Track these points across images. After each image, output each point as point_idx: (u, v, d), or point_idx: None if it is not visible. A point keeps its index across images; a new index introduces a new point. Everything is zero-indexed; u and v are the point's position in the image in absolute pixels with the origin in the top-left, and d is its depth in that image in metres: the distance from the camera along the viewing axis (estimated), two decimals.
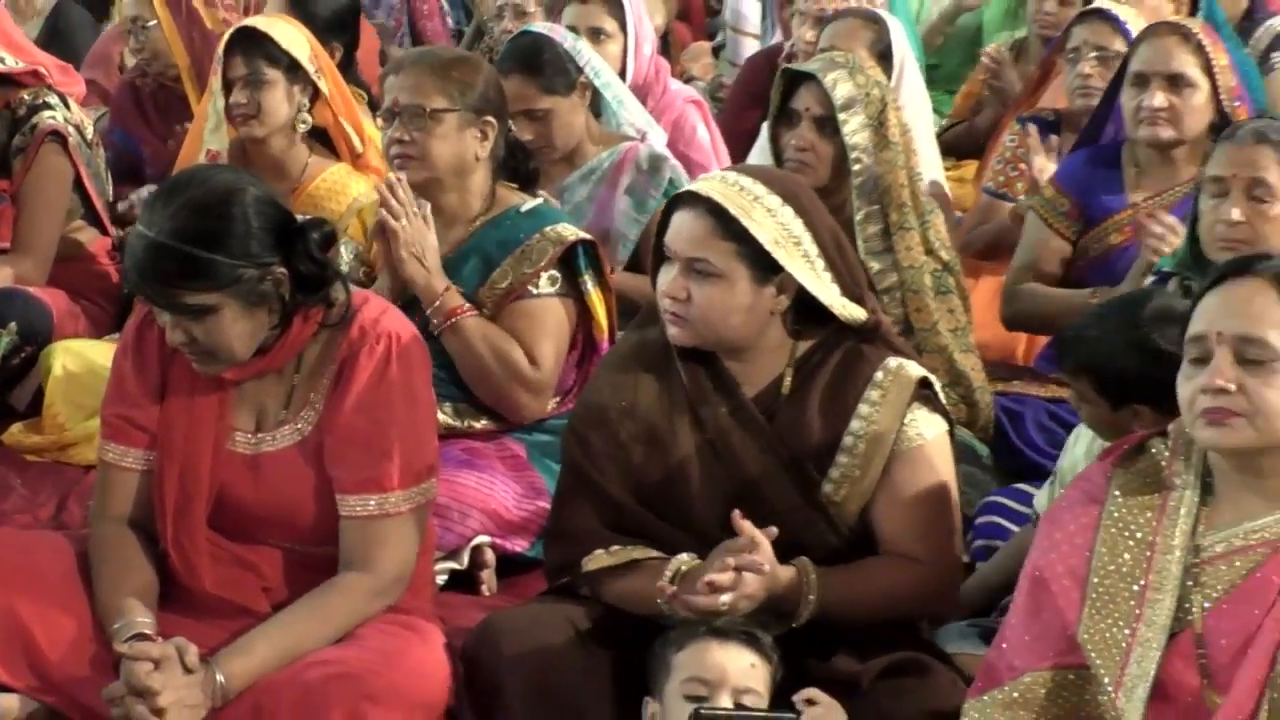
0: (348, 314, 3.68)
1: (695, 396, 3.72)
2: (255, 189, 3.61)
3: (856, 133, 4.83)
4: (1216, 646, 3.07)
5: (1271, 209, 4.42)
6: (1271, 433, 3.05)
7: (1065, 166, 5.54)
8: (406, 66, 4.80)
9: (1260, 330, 3.05)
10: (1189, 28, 5.35)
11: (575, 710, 3.55)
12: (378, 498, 3.64)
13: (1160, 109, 5.16)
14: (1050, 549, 3.22)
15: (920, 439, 3.69)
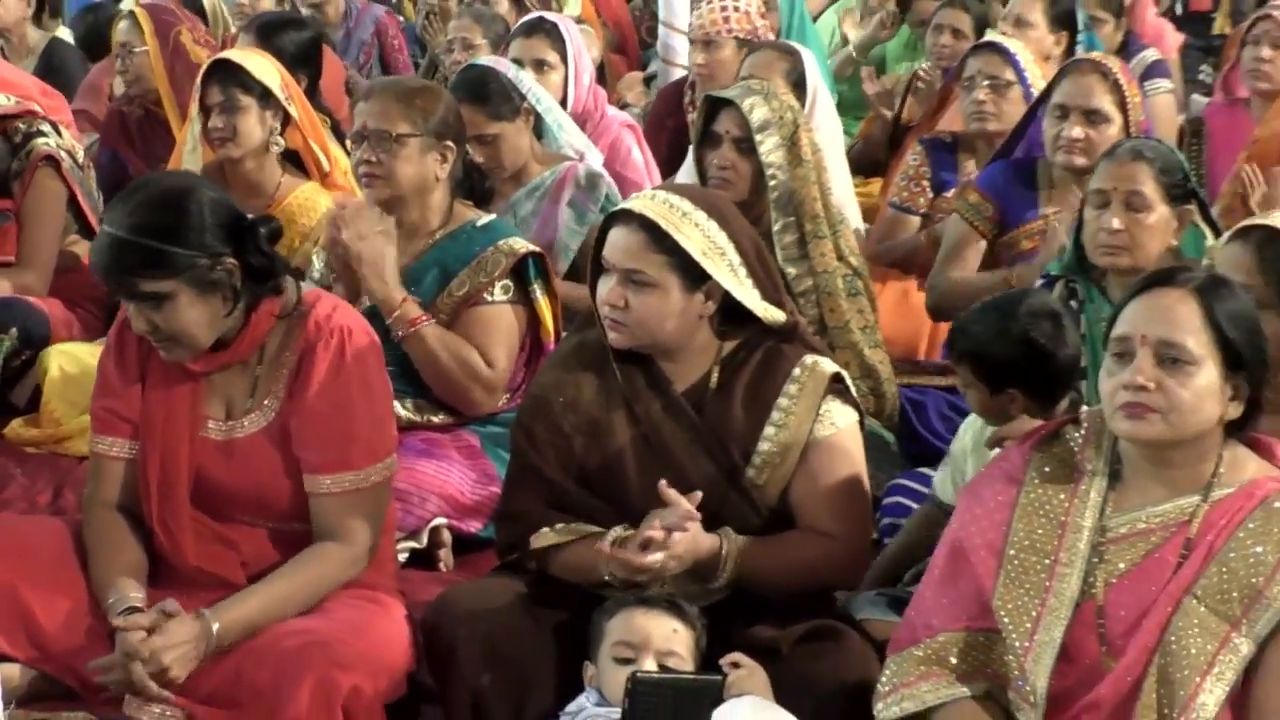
0: (300, 307, 3.71)
1: (630, 393, 3.71)
2: (208, 189, 3.65)
3: (772, 152, 4.85)
4: (1115, 618, 3.07)
5: (1147, 218, 4.43)
6: (1182, 427, 3.05)
7: (987, 175, 5.56)
8: (375, 94, 4.79)
9: (1180, 335, 3.04)
10: (1108, 66, 5.37)
11: (522, 673, 3.54)
12: (346, 476, 3.66)
13: (1077, 139, 5.19)
14: (970, 522, 3.22)
15: (834, 428, 3.68)
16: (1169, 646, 3.00)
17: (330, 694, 3.45)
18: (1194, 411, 3.04)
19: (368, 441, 3.68)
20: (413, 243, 4.69)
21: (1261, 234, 3.57)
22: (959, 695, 3.13)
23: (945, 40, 7.22)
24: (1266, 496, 3.05)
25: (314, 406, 3.64)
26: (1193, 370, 3.03)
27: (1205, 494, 3.09)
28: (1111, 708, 3.02)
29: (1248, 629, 2.98)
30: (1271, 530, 3.01)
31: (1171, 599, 3.02)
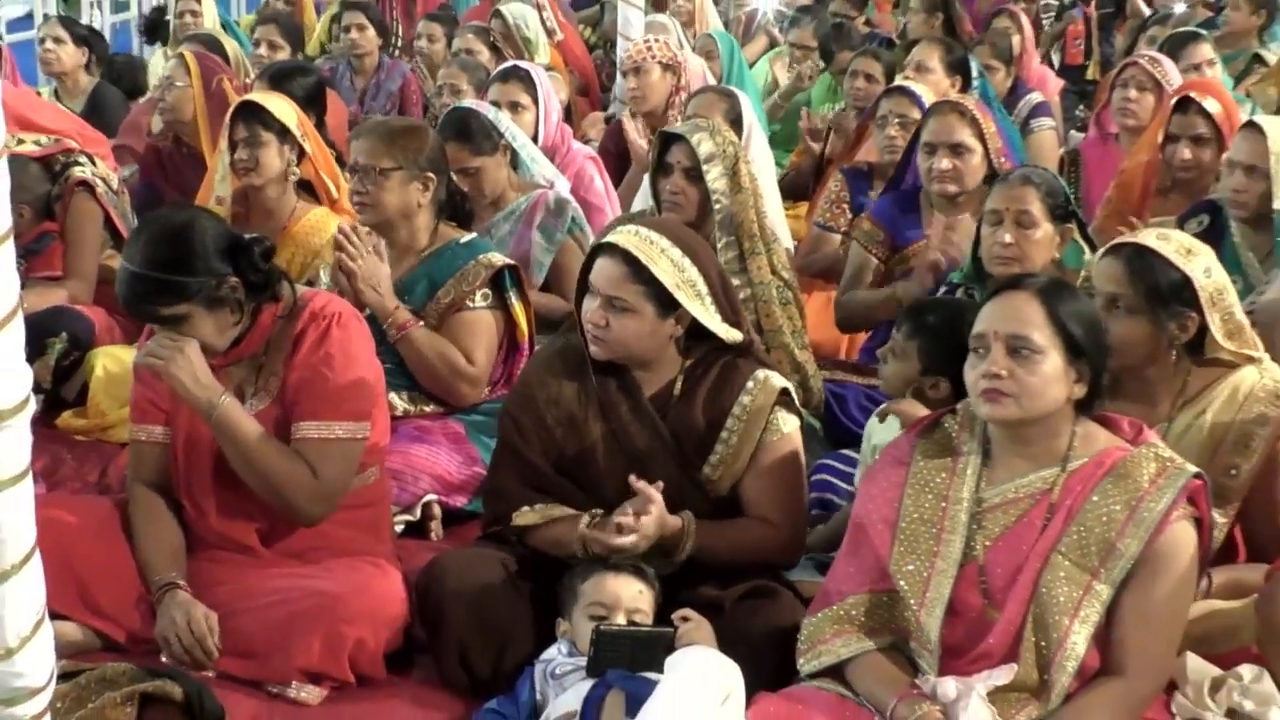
0: (297, 304, 3.72)
1: (604, 396, 3.71)
2: (205, 219, 3.66)
3: (716, 180, 4.83)
4: (994, 575, 3.09)
5: (1034, 234, 4.45)
6: (1033, 408, 3.08)
7: (878, 206, 5.55)
8: (365, 133, 4.80)
9: (1027, 330, 3.07)
10: (964, 105, 5.38)
11: (502, 628, 3.54)
12: (313, 424, 3.65)
13: (946, 170, 5.19)
14: (868, 501, 3.24)
15: (780, 434, 3.70)
16: (1041, 597, 3.02)
17: (338, 645, 3.50)
18: (1040, 394, 3.08)
19: (337, 401, 3.66)
20: (404, 259, 4.68)
21: (1131, 250, 3.57)
22: (867, 648, 3.15)
23: (860, 84, 7.23)
24: (1115, 464, 3.08)
25: (298, 368, 3.67)
26: (1039, 358, 3.07)
27: (1063, 465, 3.11)
28: (1000, 653, 3.03)
29: (1106, 576, 3.01)
30: (1120, 492, 3.04)
31: (1040, 556, 3.05)
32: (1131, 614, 3.01)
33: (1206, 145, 5.59)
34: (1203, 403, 3.57)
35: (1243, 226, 5.07)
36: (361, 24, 8.62)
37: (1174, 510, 3.01)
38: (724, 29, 9.53)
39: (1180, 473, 3.05)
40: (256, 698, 3.47)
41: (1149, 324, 3.52)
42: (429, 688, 3.58)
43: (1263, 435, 3.51)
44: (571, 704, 3.18)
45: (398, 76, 8.59)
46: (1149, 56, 6.88)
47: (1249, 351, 3.61)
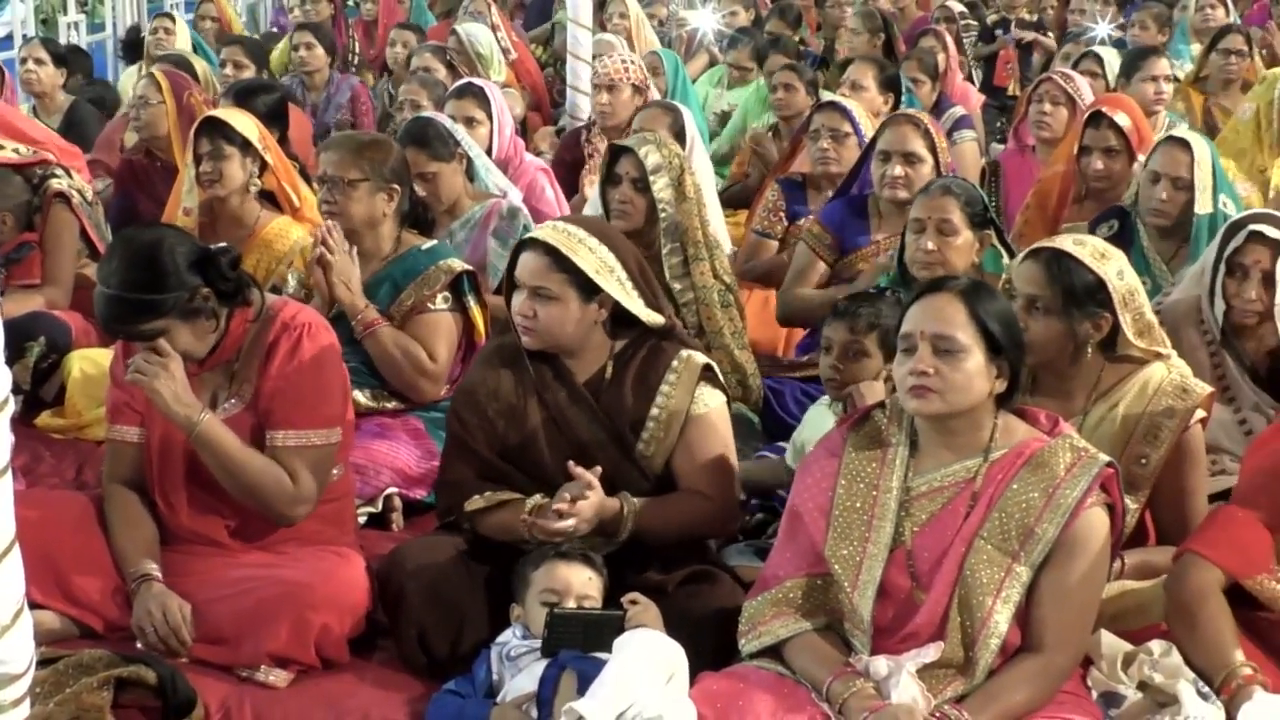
0: (269, 311, 3.69)
1: (540, 384, 3.71)
2: (172, 236, 3.63)
3: (662, 190, 4.85)
4: (921, 558, 3.10)
5: (955, 240, 4.49)
6: (957, 403, 3.10)
7: (827, 211, 5.53)
8: (332, 146, 4.79)
9: (950, 330, 3.09)
10: (920, 119, 5.41)
11: (459, 612, 3.54)
12: (290, 433, 3.64)
13: (899, 177, 5.20)
14: (803, 490, 3.25)
15: (706, 408, 3.70)
16: (966, 579, 3.04)
17: (304, 631, 3.49)
18: (964, 389, 3.09)
19: (310, 410, 3.65)
20: (369, 264, 4.66)
21: (1049, 253, 3.60)
22: (804, 629, 3.16)
23: (781, 95, 7.28)
24: (1033, 454, 3.10)
25: (273, 379, 3.64)
26: (962, 356, 3.09)
27: (985, 455, 3.13)
28: (927, 633, 3.05)
29: (1025, 559, 3.03)
30: (1038, 480, 3.07)
31: (964, 541, 3.07)
32: (1049, 594, 3.03)
33: (1117, 157, 5.65)
34: (1115, 397, 3.59)
35: (1151, 232, 5.12)
36: (310, 43, 8.71)
37: (1088, 497, 3.04)
38: (664, 47, 9.54)
39: (1094, 462, 3.07)
40: (227, 681, 3.45)
41: (1066, 323, 3.54)
42: (390, 670, 3.57)
43: (1170, 426, 3.53)
44: (527, 685, 3.18)
45: (346, 89, 8.68)
46: (1062, 73, 6.95)
47: (1158, 349, 3.64)
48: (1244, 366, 4.30)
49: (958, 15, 10.48)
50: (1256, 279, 4.19)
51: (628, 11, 9.65)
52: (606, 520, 3.53)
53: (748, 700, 3.00)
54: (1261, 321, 4.23)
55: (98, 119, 7.77)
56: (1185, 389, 3.57)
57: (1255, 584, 3.24)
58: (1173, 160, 5.01)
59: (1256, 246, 4.19)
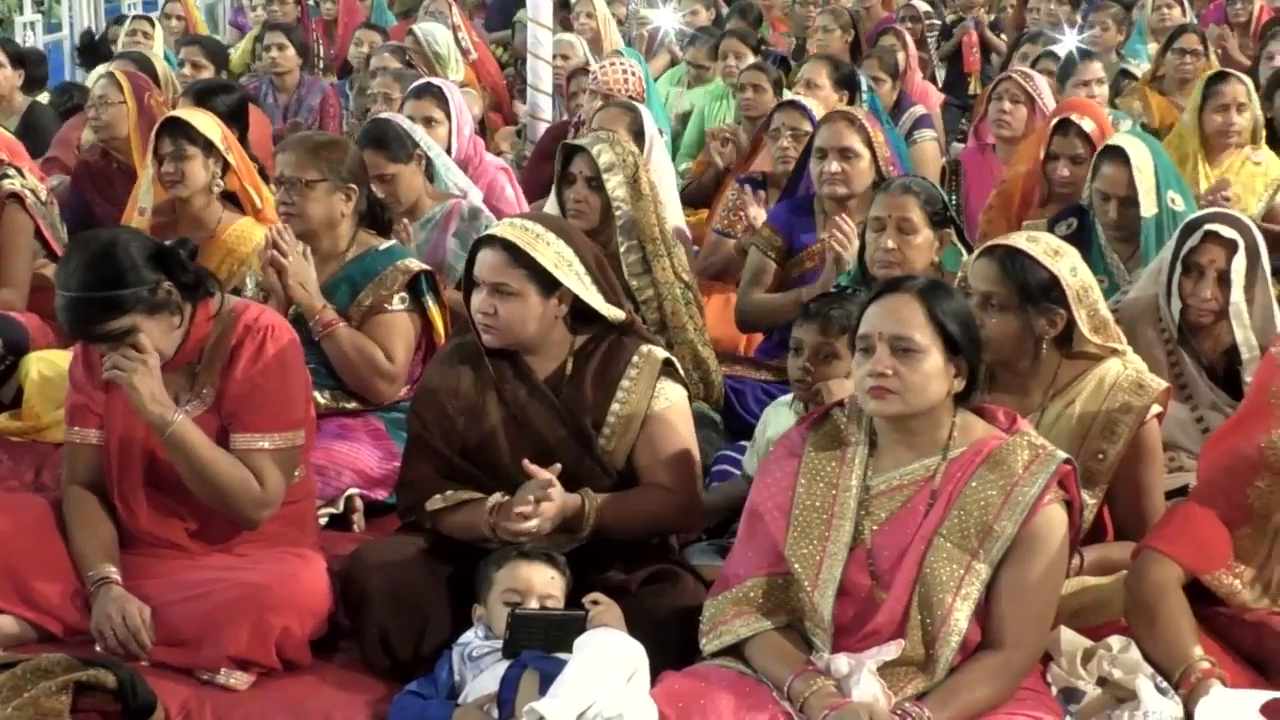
0: (232, 313, 3.67)
1: (500, 382, 3.71)
2: (127, 234, 3.62)
3: (617, 188, 4.84)
4: (881, 557, 3.11)
5: (915, 239, 4.50)
6: (916, 404, 3.11)
7: (775, 213, 5.55)
8: (290, 147, 4.76)
9: (908, 331, 3.09)
10: (854, 114, 5.41)
11: (422, 613, 3.53)
12: (255, 436, 3.62)
13: (835, 173, 5.20)
14: (763, 489, 3.24)
15: (667, 402, 3.72)
16: (925, 577, 3.04)
17: (265, 633, 3.48)
18: (922, 390, 3.10)
19: (275, 413, 3.64)
20: (327, 264, 4.65)
21: (1003, 251, 3.61)
22: (765, 628, 3.15)
23: (749, 95, 7.25)
24: (991, 452, 3.11)
25: (238, 382, 3.62)
26: (921, 356, 3.09)
27: (944, 454, 3.13)
28: (888, 631, 3.05)
29: (984, 557, 3.04)
30: (996, 478, 3.07)
31: (924, 539, 3.07)
32: (1009, 591, 3.04)
33: (1083, 163, 5.66)
34: (1071, 393, 3.61)
35: (1109, 230, 5.14)
36: (282, 44, 8.67)
37: (1046, 494, 3.05)
38: (627, 46, 9.54)
39: (1051, 459, 3.08)
40: (187, 684, 3.43)
41: (1021, 320, 3.56)
42: (352, 671, 3.56)
43: (1127, 422, 3.55)
44: (489, 686, 3.18)
45: (318, 92, 8.65)
46: (1021, 72, 6.98)
47: (1113, 345, 3.66)
48: (1201, 365, 4.33)
49: (922, 15, 10.51)
50: (1212, 278, 4.23)
51: (595, 12, 9.65)
52: (569, 517, 3.53)
53: (709, 699, 3.00)
54: (1217, 320, 4.27)
55: (55, 121, 7.71)
56: (1141, 385, 3.59)
57: (1213, 579, 3.26)
58: (1114, 181, 5.01)
59: (1211, 246, 4.22)
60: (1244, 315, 4.23)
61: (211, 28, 12.29)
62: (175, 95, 6.91)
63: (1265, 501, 3.24)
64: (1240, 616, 3.27)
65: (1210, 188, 5.89)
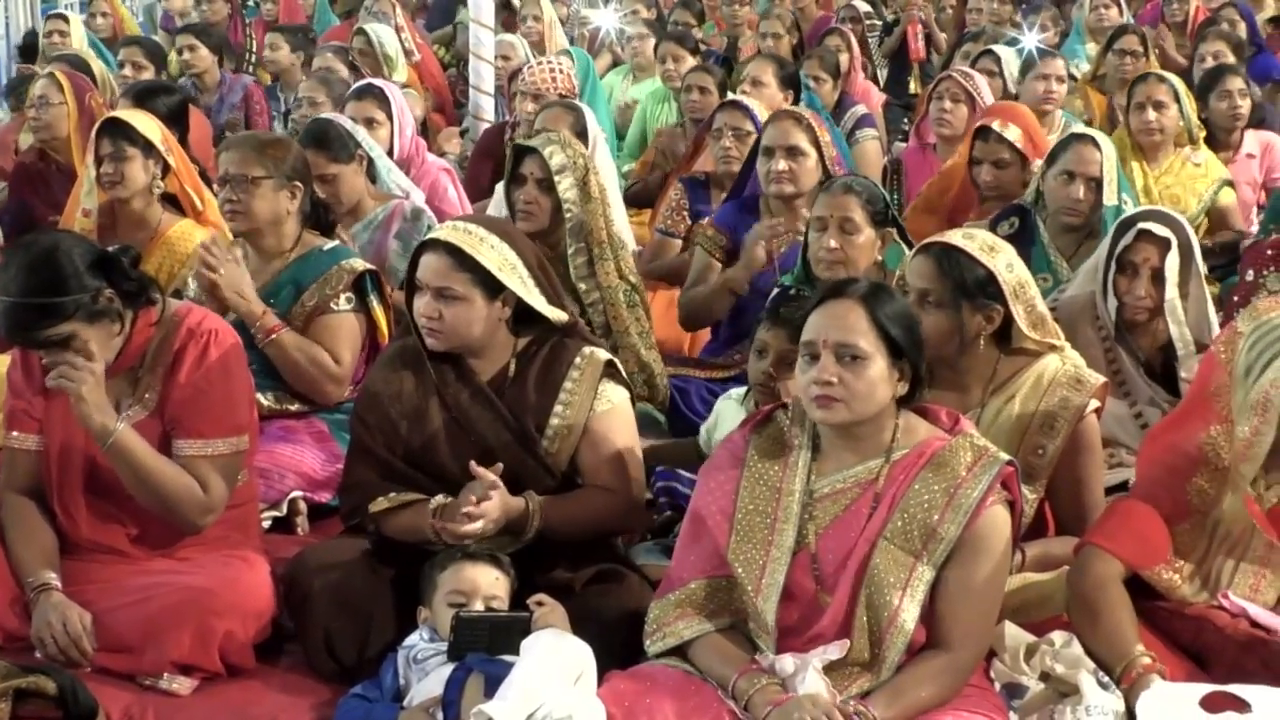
0: (174, 317, 3.64)
1: (443, 386, 3.69)
2: (69, 239, 3.57)
3: (567, 190, 4.83)
4: (825, 560, 3.10)
5: (857, 239, 4.50)
6: (861, 411, 3.11)
7: (721, 212, 5.54)
8: (234, 145, 4.75)
9: (853, 338, 3.09)
10: (801, 113, 5.41)
11: (366, 616, 3.52)
12: (197, 442, 3.60)
13: (782, 172, 5.19)
14: (706, 493, 3.23)
15: (610, 404, 3.72)
16: (870, 579, 3.04)
17: (208, 638, 3.45)
18: (869, 397, 3.09)
19: (218, 419, 3.61)
20: (271, 264, 4.62)
21: (939, 248, 3.63)
22: (708, 629, 3.15)
23: (695, 97, 7.24)
24: (934, 453, 3.11)
25: (181, 388, 3.59)
26: (866, 363, 3.08)
27: (887, 456, 3.13)
28: (833, 633, 3.05)
29: (928, 558, 3.04)
30: (940, 479, 3.07)
31: (868, 541, 3.06)
32: (953, 591, 3.05)
33: (1009, 167, 5.71)
34: (1011, 389, 3.63)
35: (1051, 228, 5.18)
36: (192, 44, 8.62)
37: (989, 496, 3.05)
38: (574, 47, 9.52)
39: (994, 461, 3.09)
40: (129, 690, 3.40)
41: (957, 316, 3.57)
42: (297, 675, 3.54)
43: (1066, 418, 3.58)
44: (434, 688, 3.16)
45: (239, 89, 8.59)
46: (961, 71, 7.03)
47: (1051, 340, 3.68)
48: (1138, 361, 4.37)
49: (862, 15, 10.55)
50: (1146, 276, 4.27)
51: (542, 14, 9.62)
52: (513, 519, 3.52)
53: (655, 699, 2.99)
54: (1153, 317, 4.31)
55: None
56: (1079, 380, 3.62)
57: (1153, 575, 3.29)
58: (1085, 158, 5.07)
59: (1145, 245, 4.27)
60: (1179, 312, 4.28)
61: (150, 28, 12.19)
62: (113, 96, 6.86)
63: (1204, 497, 3.27)
64: (1180, 611, 3.30)
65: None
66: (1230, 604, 3.26)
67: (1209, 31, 8.55)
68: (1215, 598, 3.29)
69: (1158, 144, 6.43)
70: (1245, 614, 3.24)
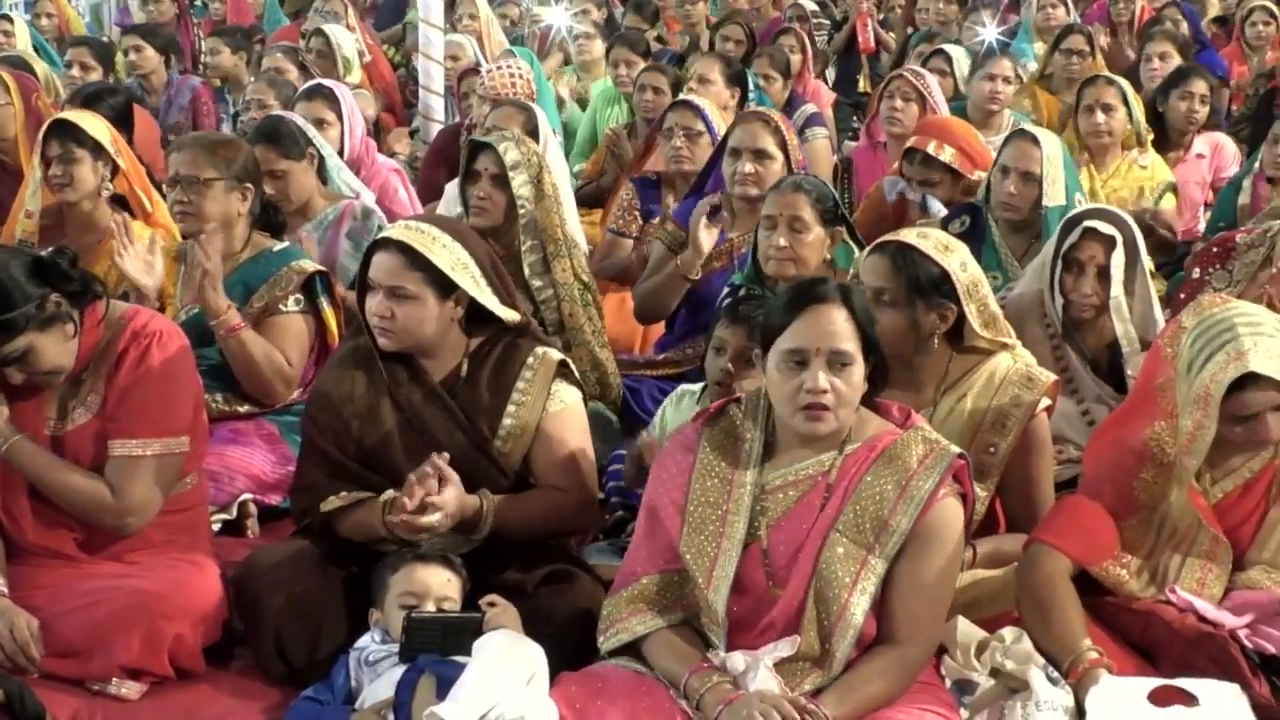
0: (121, 320, 3.60)
1: (395, 386, 3.68)
2: (2, 254, 3.52)
3: (521, 187, 4.83)
4: (776, 553, 3.10)
5: (806, 237, 4.50)
6: (846, 416, 3.11)
7: (682, 208, 5.51)
8: (185, 146, 4.73)
9: (844, 344, 3.08)
10: (770, 116, 5.40)
11: (317, 618, 3.50)
12: (131, 442, 3.56)
13: (749, 174, 5.18)
14: (659, 486, 3.23)
15: (563, 404, 3.71)
16: (821, 572, 3.04)
17: (157, 642, 3.43)
18: (853, 400, 3.10)
19: (154, 419, 3.57)
20: (223, 265, 4.57)
21: (894, 247, 3.64)
22: (660, 625, 3.14)
23: (648, 97, 7.26)
24: (886, 447, 3.11)
25: (120, 389, 3.56)
26: (853, 368, 3.08)
27: (840, 449, 3.13)
28: (784, 626, 3.05)
29: (880, 552, 3.04)
30: (891, 473, 3.08)
31: (820, 534, 3.06)
32: (904, 585, 3.05)
33: (938, 185, 5.73)
34: (963, 387, 3.65)
35: (1002, 226, 5.21)
36: (138, 45, 8.54)
37: (941, 489, 3.06)
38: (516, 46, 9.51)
39: (945, 454, 3.10)
40: (78, 695, 3.38)
41: (912, 315, 3.59)
42: (247, 678, 3.53)
43: (1017, 415, 3.60)
44: (386, 691, 3.15)
45: (187, 90, 8.52)
46: (912, 70, 7.04)
47: (1003, 339, 3.70)
48: (1085, 359, 4.40)
49: (809, 14, 10.58)
50: (1092, 274, 4.30)
51: (478, 13, 9.62)
52: (466, 518, 3.51)
53: (607, 700, 2.99)
54: (1099, 315, 4.34)
55: None
56: (1031, 378, 3.64)
57: (1101, 570, 3.32)
58: (1022, 154, 5.12)
59: (1090, 243, 4.30)
60: (1124, 310, 4.31)
61: (96, 28, 12.11)
62: (58, 97, 6.81)
63: (1150, 493, 3.30)
64: (1128, 606, 3.33)
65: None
66: (1177, 599, 3.29)
67: (1156, 31, 8.62)
68: (1163, 592, 3.32)
69: (1106, 146, 6.48)
70: (1192, 609, 3.27)
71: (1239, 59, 9.53)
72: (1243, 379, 3.13)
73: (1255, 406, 3.17)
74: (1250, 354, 3.12)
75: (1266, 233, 4.76)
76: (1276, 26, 9.54)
